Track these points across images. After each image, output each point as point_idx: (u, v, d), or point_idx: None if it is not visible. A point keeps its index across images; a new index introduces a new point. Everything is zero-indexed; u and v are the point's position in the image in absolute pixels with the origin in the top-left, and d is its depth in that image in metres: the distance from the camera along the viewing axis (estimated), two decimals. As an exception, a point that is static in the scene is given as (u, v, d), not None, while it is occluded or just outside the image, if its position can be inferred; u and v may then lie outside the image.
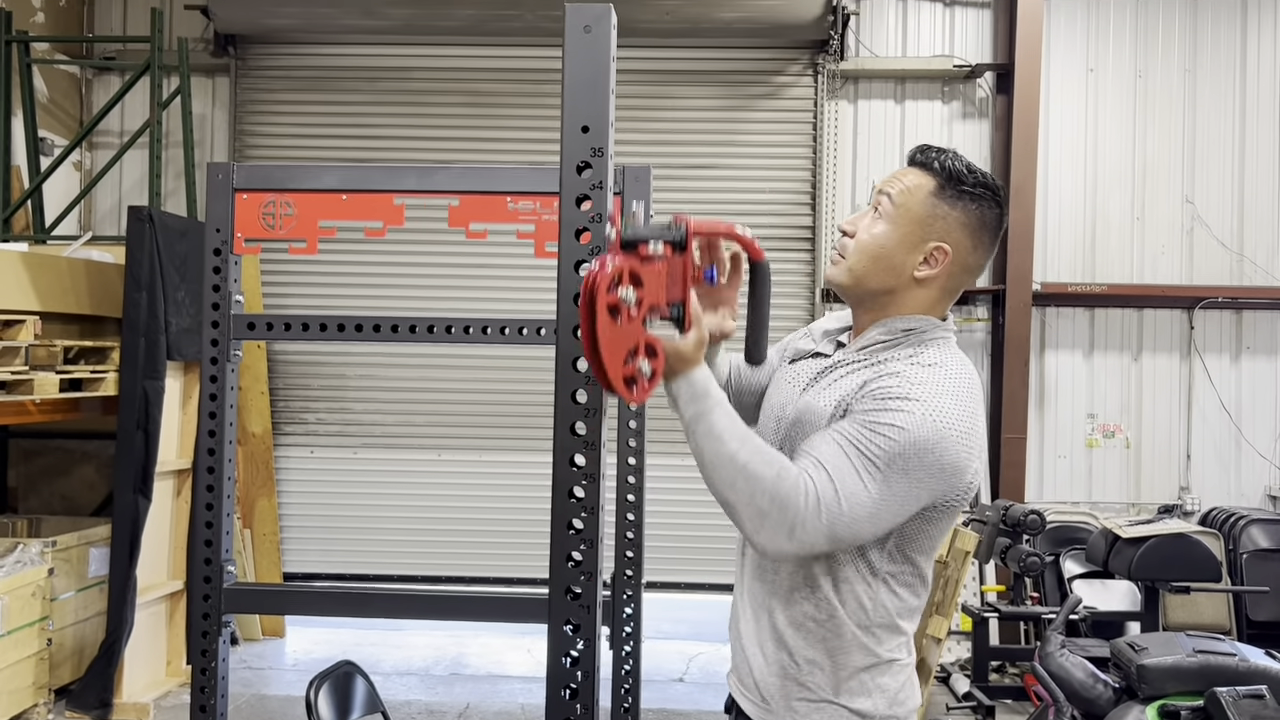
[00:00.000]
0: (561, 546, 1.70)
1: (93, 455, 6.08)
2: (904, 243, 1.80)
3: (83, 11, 7.00)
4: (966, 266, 1.83)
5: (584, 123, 1.68)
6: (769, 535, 1.65)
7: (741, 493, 1.65)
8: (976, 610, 5.45)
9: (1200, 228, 6.75)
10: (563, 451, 1.70)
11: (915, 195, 1.80)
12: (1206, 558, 5.27)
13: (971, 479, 1.74)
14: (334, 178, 2.87)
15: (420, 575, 6.77)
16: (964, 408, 1.71)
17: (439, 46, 6.83)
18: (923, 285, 1.81)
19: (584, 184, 1.67)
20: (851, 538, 1.67)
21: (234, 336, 2.85)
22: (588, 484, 1.71)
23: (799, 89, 6.80)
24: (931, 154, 1.82)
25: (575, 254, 1.68)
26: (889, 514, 1.67)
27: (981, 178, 1.80)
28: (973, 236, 1.81)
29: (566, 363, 1.69)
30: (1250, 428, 6.74)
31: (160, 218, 5.17)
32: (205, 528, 2.88)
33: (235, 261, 2.88)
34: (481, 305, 6.63)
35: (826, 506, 1.63)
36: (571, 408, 1.70)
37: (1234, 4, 6.78)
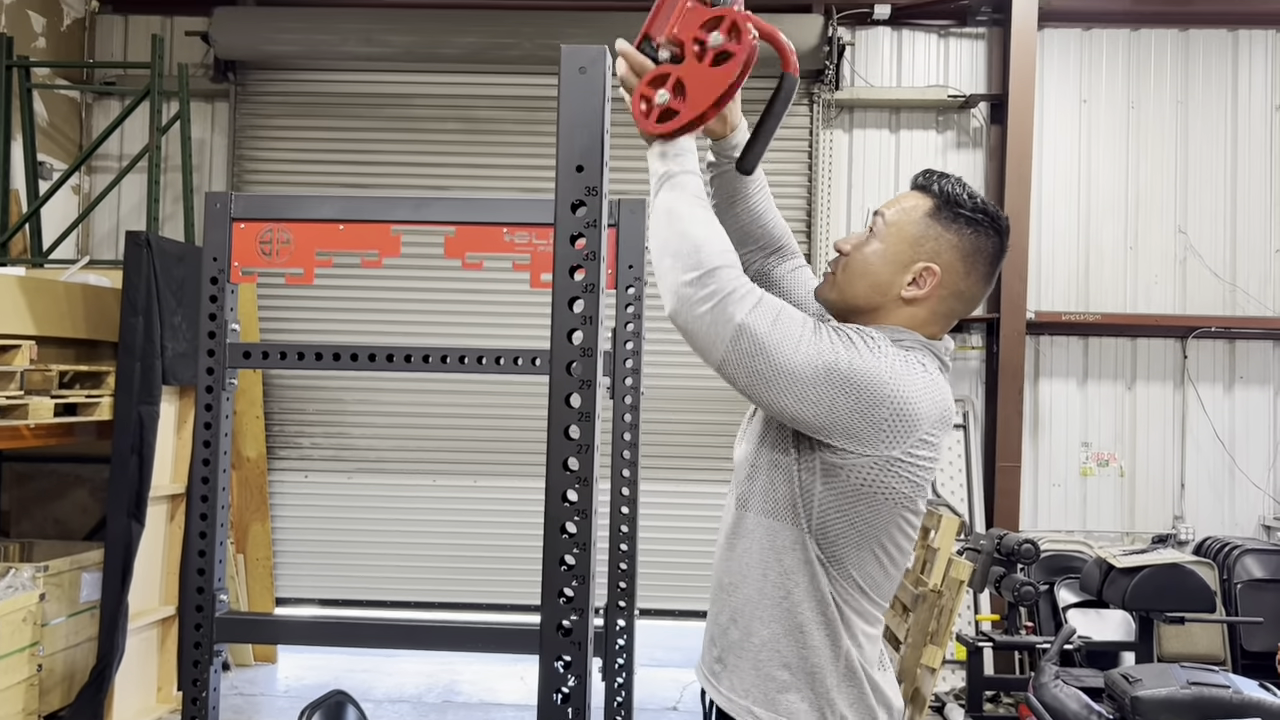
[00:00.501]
0: (553, 582, 1.70)
1: (86, 479, 6.06)
2: (893, 261, 1.78)
3: (84, 37, 7.05)
4: (958, 292, 1.79)
5: (578, 162, 1.70)
6: (688, 290, 1.64)
7: (686, 242, 1.66)
8: (971, 639, 5.44)
9: (1193, 257, 6.79)
10: (555, 487, 1.71)
11: (910, 215, 1.79)
12: (1200, 588, 5.27)
13: (919, 451, 1.69)
14: (331, 208, 2.89)
15: (414, 601, 6.75)
16: (927, 390, 1.69)
17: (438, 74, 6.88)
18: (910, 305, 1.78)
19: (578, 222, 1.69)
20: (750, 367, 1.64)
21: (230, 365, 2.86)
22: (580, 520, 1.72)
23: (795, 118, 6.85)
24: (933, 177, 1.83)
25: (569, 291, 1.69)
26: (800, 392, 1.63)
27: (980, 204, 1.79)
28: (965, 261, 1.78)
29: (560, 398, 1.70)
30: (1244, 457, 6.76)
31: (158, 243, 5.19)
32: (198, 556, 2.87)
33: (232, 290, 2.89)
34: (478, 333, 6.66)
35: (756, 309, 1.63)
36: (564, 444, 1.71)
37: (1224, 37, 6.85)
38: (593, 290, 1.71)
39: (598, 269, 1.71)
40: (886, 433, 1.66)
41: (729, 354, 1.64)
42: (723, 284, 1.64)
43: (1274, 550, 6.31)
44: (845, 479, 1.69)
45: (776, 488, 1.76)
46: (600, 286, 1.73)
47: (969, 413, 6.76)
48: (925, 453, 1.70)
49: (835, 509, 1.71)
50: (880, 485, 1.69)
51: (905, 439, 1.67)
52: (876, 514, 1.71)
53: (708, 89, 1.65)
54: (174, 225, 6.77)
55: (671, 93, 1.67)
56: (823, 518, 1.72)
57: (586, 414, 1.72)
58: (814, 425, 1.66)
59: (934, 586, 5.23)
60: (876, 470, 1.68)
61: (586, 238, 1.72)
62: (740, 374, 1.65)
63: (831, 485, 1.70)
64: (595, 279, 1.72)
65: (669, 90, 1.66)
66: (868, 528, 1.72)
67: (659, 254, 1.69)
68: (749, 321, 1.62)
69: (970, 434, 6.70)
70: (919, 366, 1.71)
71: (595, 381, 1.74)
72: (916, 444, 1.68)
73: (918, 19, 6.90)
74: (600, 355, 1.76)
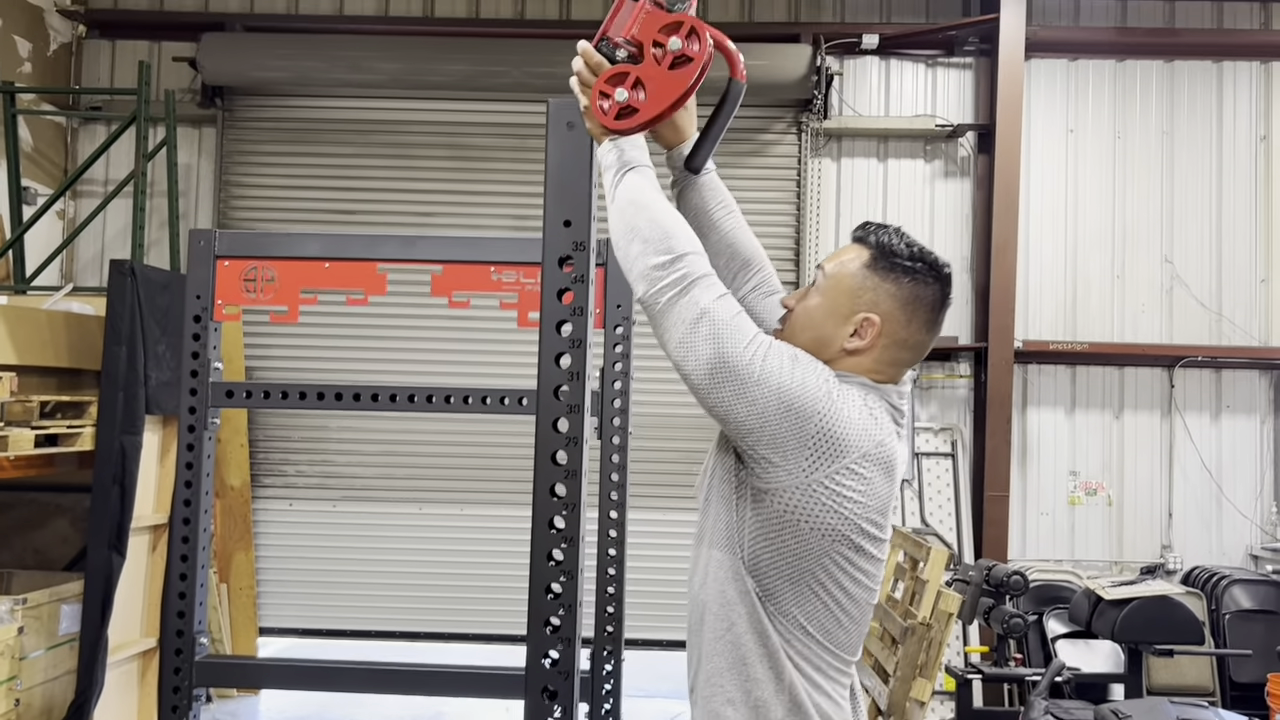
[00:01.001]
0: (540, 611, 1.68)
1: (67, 509, 5.98)
2: (834, 314, 1.80)
3: (70, 62, 7.02)
4: (901, 341, 1.80)
5: (566, 217, 1.69)
6: (658, 273, 1.66)
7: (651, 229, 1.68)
8: (960, 671, 5.40)
9: (1179, 287, 6.82)
10: (541, 514, 1.69)
11: (848, 267, 1.81)
12: (1189, 620, 5.25)
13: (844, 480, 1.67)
14: (316, 245, 2.87)
15: (399, 631, 6.68)
16: (861, 422, 1.70)
17: (427, 101, 6.87)
18: (854, 356, 1.79)
19: (566, 278, 1.67)
20: (703, 352, 1.64)
21: (212, 404, 2.83)
22: (567, 547, 1.70)
23: (783, 146, 6.86)
24: (870, 228, 1.85)
25: (556, 347, 1.67)
26: (739, 387, 1.64)
27: (918, 252, 1.80)
28: (905, 310, 1.78)
29: (547, 425, 1.68)
30: (1231, 486, 6.76)
31: (142, 271, 5.14)
32: (178, 598, 2.83)
33: (215, 329, 2.86)
34: (465, 371, 6.62)
35: (721, 299, 1.66)
36: (551, 469, 1.69)
37: (1209, 68, 6.90)
38: (580, 345, 1.69)
39: (585, 324, 1.70)
40: (811, 451, 1.65)
41: (687, 335, 1.65)
42: (692, 269, 1.67)
43: (1262, 580, 6.30)
44: (770, 505, 1.69)
45: (720, 518, 1.77)
46: (588, 341, 1.71)
47: (957, 441, 6.75)
48: (852, 483, 1.68)
49: (764, 537, 1.71)
50: (804, 512, 1.67)
51: (829, 463, 1.66)
52: (804, 546, 1.69)
53: (667, 90, 1.71)
54: (159, 250, 6.73)
55: (630, 91, 1.71)
56: (754, 547, 1.72)
57: (574, 439, 1.70)
58: (745, 426, 1.66)
59: (923, 619, 5.20)
60: (800, 495, 1.67)
61: (574, 292, 1.70)
62: (691, 357, 1.66)
63: (759, 511, 1.71)
64: (583, 333, 1.70)
65: (628, 89, 1.71)
66: (798, 560, 1.70)
67: (626, 238, 1.70)
68: (713, 308, 1.66)
69: (959, 463, 6.69)
70: (859, 401, 1.72)
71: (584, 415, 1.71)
72: (841, 471, 1.67)
73: (906, 49, 6.93)
74: (588, 395, 1.75)
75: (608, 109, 1.71)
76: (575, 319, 1.64)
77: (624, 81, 1.71)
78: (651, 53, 1.71)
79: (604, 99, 1.71)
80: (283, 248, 2.85)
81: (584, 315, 1.65)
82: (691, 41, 1.70)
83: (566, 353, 1.64)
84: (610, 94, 1.71)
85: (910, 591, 5.60)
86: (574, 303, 1.65)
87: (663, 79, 1.71)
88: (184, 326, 2.81)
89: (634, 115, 1.71)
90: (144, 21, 7.05)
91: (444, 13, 7.01)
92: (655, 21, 1.71)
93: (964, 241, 6.89)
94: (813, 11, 6.97)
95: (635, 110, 1.71)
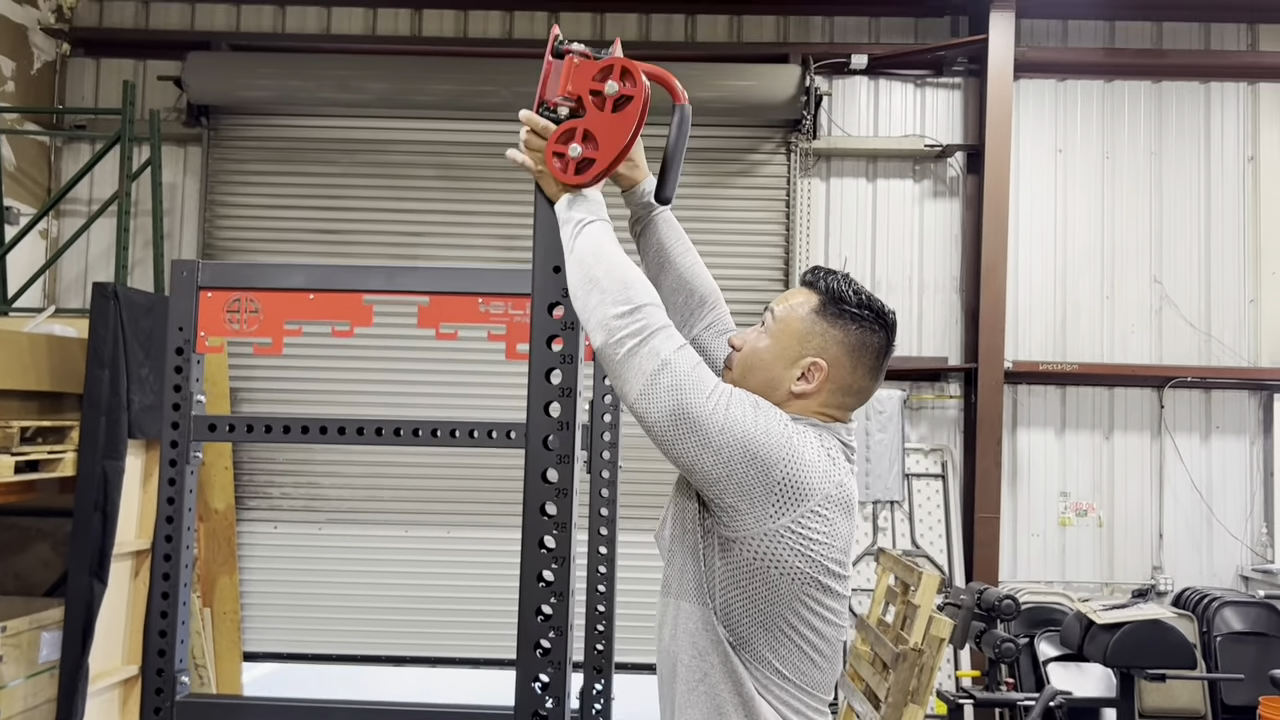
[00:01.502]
0: (529, 633, 1.64)
1: (48, 533, 5.89)
2: (782, 357, 1.82)
3: (54, 81, 6.96)
4: (846, 386, 1.83)
5: (556, 263, 1.65)
6: (617, 323, 1.65)
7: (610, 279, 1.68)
8: (952, 696, 5.36)
9: (1169, 307, 6.82)
10: (532, 533, 1.65)
11: (797, 311, 1.84)
12: (1181, 645, 5.22)
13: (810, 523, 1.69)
14: (301, 276, 2.82)
15: (387, 656, 6.61)
16: (821, 465, 1.71)
17: (415, 120, 6.83)
18: (800, 399, 1.82)
19: (555, 325, 1.64)
20: (665, 403, 1.64)
21: (194, 438, 2.78)
22: (558, 567, 1.66)
23: (773, 166, 6.85)
24: (820, 274, 1.87)
25: (545, 395, 1.64)
26: (704, 438, 1.65)
27: (866, 300, 1.83)
28: (852, 356, 1.82)
29: (537, 443, 1.64)
30: (1221, 507, 6.75)
31: (125, 294, 5.08)
32: (159, 636, 2.77)
33: (198, 360, 2.81)
34: (453, 404, 6.58)
35: (681, 349, 1.67)
36: (541, 487, 1.65)
37: (1197, 89, 6.92)
38: (569, 394, 1.65)
39: (574, 372, 1.66)
40: (778, 496, 1.67)
41: (648, 387, 1.65)
42: (651, 320, 1.68)
43: (1253, 602, 6.28)
44: (739, 554, 1.70)
45: (687, 568, 1.77)
46: (577, 390, 1.67)
47: (947, 462, 6.72)
48: (817, 525, 1.71)
49: (735, 585, 1.71)
50: (773, 558, 1.69)
51: (795, 507, 1.68)
52: (775, 592, 1.70)
53: (617, 133, 1.73)
54: (144, 270, 6.66)
55: (582, 144, 1.74)
56: (725, 596, 1.72)
57: (565, 456, 1.66)
58: (711, 475, 1.67)
59: (915, 645, 5.16)
60: (768, 541, 1.68)
61: (564, 339, 1.67)
62: (653, 408, 1.66)
63: (728, 560, 1.71)
64: (573, 382, 1.66)
65: (579, 142, 1.74)
66: (770, 606, 1.72)
67: (585, 290, 1.70)
68: (674, 359, 1.66)
69: (949, 484, 6.67)
70: (816, 444, 1.74)
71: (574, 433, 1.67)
72: (807, 514, 1.69)
73: (894, 69, 6.93)
74: (578, 429, 1.71)
75: (565, 167, 1.73)
76: (565, 366, 1.61)
77: (573, 137, 1.73)
78: (592, 102, 1.73)
79: (558, 159, 1.73)
80: (267, 279, 2.80)
81: (574, 364, 1.61)
82: (627, 81, 1.72)
83: (556, 400, 1.60)
84: (564, 151, 1.73)
85: (901, 616, 5.56)
86: (564, 349, 1.61)
87: (609, 123, 1.73)
88: (165, 359, 2.75)
89: (592, 166, 1.73)
90: (129, 40, 7.00)
91: (431, 31, 6.99)
92: (587, 72, 1.74)
93: (953, 261, 6.88)
94: (801, 32, 6.96)
95: (592, 160, 1.73)
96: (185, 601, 2.80)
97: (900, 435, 6.62)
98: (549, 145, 1.74)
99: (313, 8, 7.00)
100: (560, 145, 1.73)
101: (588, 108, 1.74)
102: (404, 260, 6.76)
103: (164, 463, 2.75)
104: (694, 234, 6.76)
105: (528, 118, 1.79)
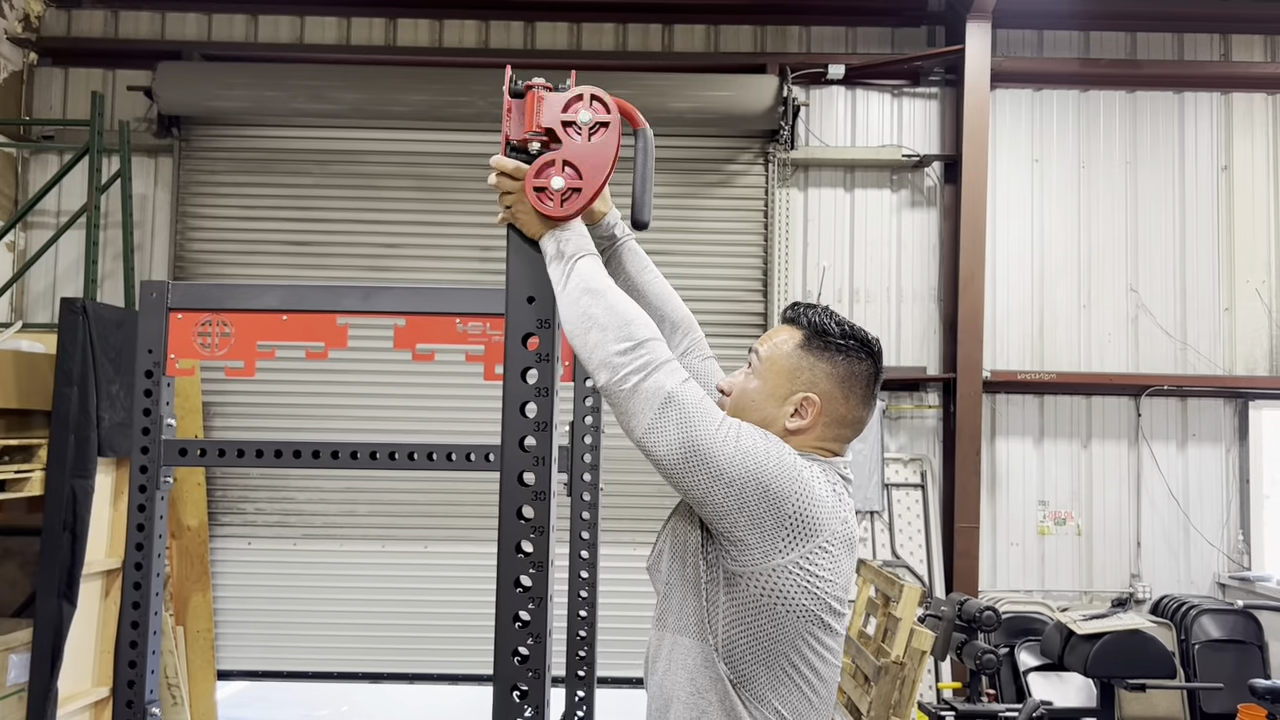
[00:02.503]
0: (507, 641, 1.60)
1: (16, 552, 5.78)
2: (772, 396, 1.82)
3: (21, 91, 6.85)
4: (840, 418, 1.83)
5: (529, 293, 1.62)
6: (620, 360, 1.63)
7: (611, 315, 1.66)
8: (933, 708, 5.35)
9: (1145, 316, 6.85)
10: (509, 538, 1.61)
11: (782, 349, 1.83)
12: (1161, 655, 5.24)
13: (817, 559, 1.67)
14: (273, 297, 2.77)
15: (362, 673, 6.52)
16: (829, 502, 1.70)
17: (389, 130, 6.77)
18: (796, 436, 1.81)
19: (529, 357, 1.60)
20: (674, 437, 1.62)
21: (165, 463, 2.71)
22: (535, 573, 1.63)
23: (750, 177, 6.83)
24: (800, 309, 1.87)
25: (519, 430, 1.59)
26: (715, 470, 1.62)
27: (849, 330, 1.83)
28: (842, 387, 1.81)
29: (513, 443, 1.60)
30: (1198, 515, 6.78)
31: (94, 309, 4.99)
32: (129, 667, 2.71)
33: (168, 384, 2.75)
34: (431, 426, 6.52)
35: (686, 383, 1.65)
36: (518, 490, 1.61)
37: (1171, 99, 6.96)
38: (545, 428, 1.61)
39: (550, 405, 1.62)
40: (788, 530, 1.66)
41: (655, 422, 1.63)
42: (655, 355, 1.66)
43: (1230, 610, 6.31)
44: (745, 589, 1.67)
45: (687, 603, 1.74)
46: (553, 423, 1.63)
47: (926, 472, 6.72)
48: (824, 561, 1.69)
49: (739, 622, 1.69)
50: (780, 594, 1.67)
51: (805, 542, 1.67)
52: (780, 628, 1.68)
53: (600, 158, 1.71)
54: (114, 282, 6.56)
55: (564, 174, 1.70)
56: (728, 632, 1.70)
57: (542, 458, 1.62)
58: (722, 508, 1.64)
59: (896, 657, 5.14)
60: (776, 577, 1.66)
61: (539, 371, 1.63)
62: (661, 443, 1.64)
63: (733, 596, 1.69)
64: (548, 416, 1.62)
65: (560, 174, 1.70)
66: (773, 644, 1.69)
67: (583, 328, 1.66)
68: (679, 392, 1.64)
69: (929, 494, 6.66)
70: (823, 479, 1.73)
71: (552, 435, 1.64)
72: (815, 550, 1.68)
73: (871, 79, 6.93)
74: (555, 452, 1.67)
75: (550, 199, 1.69)
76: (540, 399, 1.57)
77: (552, 168, 1.70)
78: (565, 133, 1.71)
79: (540, 193, 1.69)
80: (239, 299, 2.74)
81: (549, 396, 1.57)
82: (597, 108, 1.71)
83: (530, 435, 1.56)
84: (546, 185, 1.69)
85: (882, 628, 5.54)
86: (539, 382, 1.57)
87: (591, 151, 1.70)
88: (135, 381, 2.69)
89: (578, 195, 1.70)
90: (98, 50, 6.90)
91: (406, 41, 6.92)
92: (555, 104, 1.71)
93: (931, 271, 6.88)
94: (779, 42, 6.96)
95: (577, 189, 1.70)
96: (156, 630, 2.73)
97: (880, 445, 6.61)
98: (528, 181, 1.70)
99: (285, 17, 6.93)
100: (541, 179, 1.69)
101: (562, 139, 1.71)
102: (380, 273, 6.70)
103: (133, 488, 2.68)
104: (671, 245, 6.78)
105: (498, 162, 1.75)
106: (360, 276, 6.65)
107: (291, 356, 6.27)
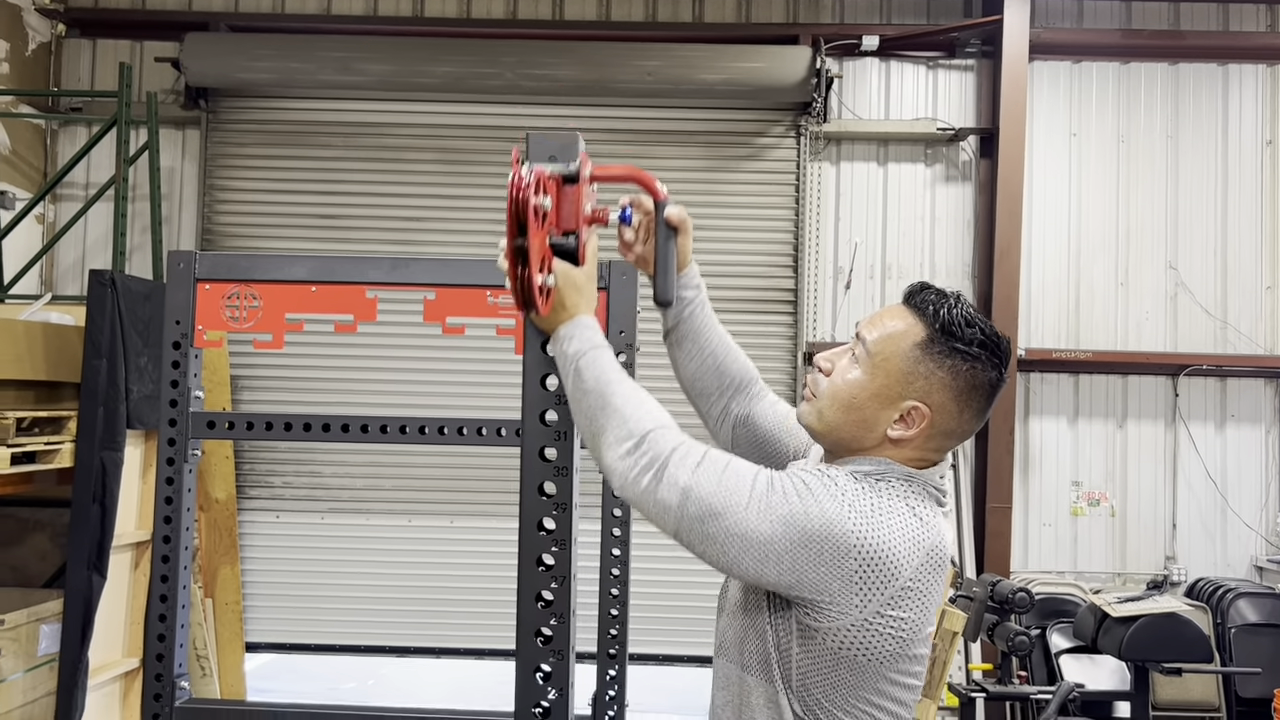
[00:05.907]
0: (529, 621, 1.56)
1: (46, 524, 5.81)
2: (878, 397, 1.62)
3: (49, 62, 6.83)
4: (949, 431, 1.64)
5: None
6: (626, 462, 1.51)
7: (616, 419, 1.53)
8: (963, 689, 5.29)
9: (1184, 294, 6.70)
10: (530, 515, 1.57)
11: (898, 345, 1.62)
12: (1198, 638, 5.15)
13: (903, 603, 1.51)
14: (302, 268, 2.71)
15: (389, 646, 6.54)
16: (904, 531, 1.53)
17: (417, 103, 6.70)
18: (896, 445, 1.63)
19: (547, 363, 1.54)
20: (703, 531, 1.49)
21: (193, 435, 2.68)
22: (558, 550, 1.58)
23: (781, 150, 6.72)
24: (930, 297, 1.65)
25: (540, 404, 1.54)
26: (760, 552, 1.48)
27: (981, 333, 1.60)
28: (959, 400, 1.61)
29: (533, 418, 1.54)
30: (1235, 497, 6.66)
31: (123, 281, 4.98)
32: (157, 640, 2.69)
33: (196, 355, 2.71)
34: (459, 401, 6.47)
35: (699, 468, 1.50)
36: (539, 465, 1.56)
37: (1214, 71, 6.78)
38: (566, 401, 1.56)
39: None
40: (860, 586, 1.49)
41: (680, 522, 1.50)
42: (660, 447, 1.51)
43: (1267, 593, 6.20)
44: (822, 643, 1.53)
45: (748, 641, 1.61)
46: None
47: (958, 451, 6.63)
48: (910, 602, 1.52)
49: (816, 672, 1.55)
50: (861, 648, 1.52)
51: (882, 591, 1.50)
52: (861, 677, 1.54)
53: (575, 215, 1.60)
54: (142, 255, 6.56)
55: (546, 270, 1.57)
56: (803, 679, 1.56)
57: (564, 431, 1.57)
58: (782, 584, 1.51)
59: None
60: (855, 632, 1.51)
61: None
62: (695, 540, 1.51)
63: (808, 648, 1.54)
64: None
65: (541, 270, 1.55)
66: (853, 692, 1.55)
67: (589, 434, 1.55)
68: (693, 483, 1.49)
69: (960, 473, 6.57)
70: (900, 505, 1.56)
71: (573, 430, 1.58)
72: (898, 593, 1.51)
73: (906, 51, 6.79)
74: None
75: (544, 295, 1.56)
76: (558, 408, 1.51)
77: (539, 266, 1.54)
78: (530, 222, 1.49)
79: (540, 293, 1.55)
80: (267, 270, 2.69)
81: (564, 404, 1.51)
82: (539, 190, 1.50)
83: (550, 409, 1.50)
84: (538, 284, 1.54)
85: (913, 608, 5.50)
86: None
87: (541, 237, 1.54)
88: (162, 353, 2.65)
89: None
90: (125, 21, 6.86)
91: (434, 12, 6.85)
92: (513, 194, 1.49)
93: (965, 247, 6.76)
94: (811, 12, 6.83)
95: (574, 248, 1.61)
96: (185, 604, 2.71)
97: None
98: (532, 283, 1.52)
99: (313, -12, 6.87)
100: (537, 277, 1.52)
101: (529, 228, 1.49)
102: (405, 245, 6.66)
103: (161, 461, 2.65)
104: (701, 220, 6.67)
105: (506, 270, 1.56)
106: (386, 250, 6.62)
107: (320, 330, 6.27)
